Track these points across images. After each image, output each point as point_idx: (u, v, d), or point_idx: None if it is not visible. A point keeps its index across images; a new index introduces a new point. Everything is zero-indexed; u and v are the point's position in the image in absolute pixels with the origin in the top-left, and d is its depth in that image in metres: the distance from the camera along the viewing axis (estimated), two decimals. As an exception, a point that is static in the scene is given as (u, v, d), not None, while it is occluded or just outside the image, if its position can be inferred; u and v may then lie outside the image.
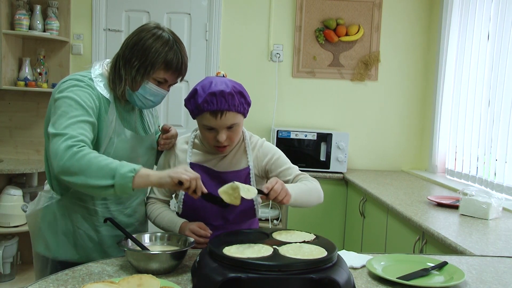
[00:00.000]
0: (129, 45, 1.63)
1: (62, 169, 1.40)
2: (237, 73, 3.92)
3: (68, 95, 1.53)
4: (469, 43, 3.48)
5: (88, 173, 1.38)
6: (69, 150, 1.40)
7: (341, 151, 3.79)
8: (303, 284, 1.18)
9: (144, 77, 1.62)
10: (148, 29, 1.63)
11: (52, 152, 1.43)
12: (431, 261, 1.52)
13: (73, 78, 1.59)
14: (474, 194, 2.43)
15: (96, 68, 1.67)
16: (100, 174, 1.38)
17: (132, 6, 4.02)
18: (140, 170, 1.40)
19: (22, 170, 3.48)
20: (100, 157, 1.42)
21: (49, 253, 1.67)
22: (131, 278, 1.23)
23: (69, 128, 1.46)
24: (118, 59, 1.65)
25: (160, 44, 1.60)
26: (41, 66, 3.78)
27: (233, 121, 1.63)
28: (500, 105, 3.00)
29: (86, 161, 1.39)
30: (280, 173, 1.76)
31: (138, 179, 1.39)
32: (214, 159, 1.76)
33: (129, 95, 1.66)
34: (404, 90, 4.16)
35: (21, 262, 3.83)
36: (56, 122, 1.48)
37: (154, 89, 1.64)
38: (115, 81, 1.64)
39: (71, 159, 1.39)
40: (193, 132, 1.81)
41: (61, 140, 1.43)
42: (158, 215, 1.76)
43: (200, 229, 1.65)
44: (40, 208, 1.69)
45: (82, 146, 1.43)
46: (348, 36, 4.06)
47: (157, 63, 1.60)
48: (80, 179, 1.39)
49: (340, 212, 3.74)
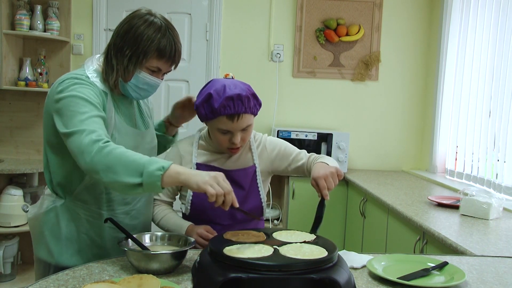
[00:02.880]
0: (120, 33, 1.56)
1: (90, 166, 1.35)
2: (238, 73, 3.90)
3: (72, 93, 1.48)
4: (470, 43, 3.48)
5: (116, 170, 1.33)
6: (94, 145, 1.36)
7: (341, 151, 3.79)
8: (303, 284, 1.18)
9: (136, 66, 1.55)
10: (140, 15, 1.57)
11: (76, 150, 1.38)
12: (431, 261, 1.52)
13: (71, 77, 1.53)
14: (474, 194, 2.43)
15: (88, 65, 1.62)
16: (127, 172, 1.33)
17: (132, 6, 3.99)
18: (169, 167, 1.34)
19: (22, 170, 3.48)
20: (128, 153, 1.36)
21: (51, 258, 1.61)
22: (132, 278, 1.23)
23: (85, 124, 1.41)
24: (109, 48, 1.59)
25: (152, 31, 1.54)
26: (41, 66, 3.78)
27: (248, 122, 1.67)
28: (500, 105, 3.00)
29: (113, 156, 1.34)
30: (293, 160, 1.80)
31: (167, 178, 1.33)
32: (221, 158, 1.77)
33: (122, 86, 1.60)
34: (405, 90, 4.16)
35: (22, 262, 3.83)
36: (69, 122, 1.43)
37: (147, 79, 1.58)
38: (107, 72, 1.58)
39: (97, 154, 1.35)
40: (197, 133, 1.81)
41: (82, 136, 1.38)
42: (163, 218, 1.77)
43: (208, 232, 1.65)
44: (42, 212, 1.63)
45: (106, 141, 1.39)
46: (348, 36, 4.06)
47: (150, 51, 1.54)
48: (108, 177, 1.34)
49: (340, 212, 3.74)
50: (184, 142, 1.82)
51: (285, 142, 1.85)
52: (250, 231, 1.49)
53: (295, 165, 1.80)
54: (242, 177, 1.74)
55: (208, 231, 1.66)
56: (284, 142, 1.85)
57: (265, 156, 1.81)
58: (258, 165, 1.78)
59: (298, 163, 1.80)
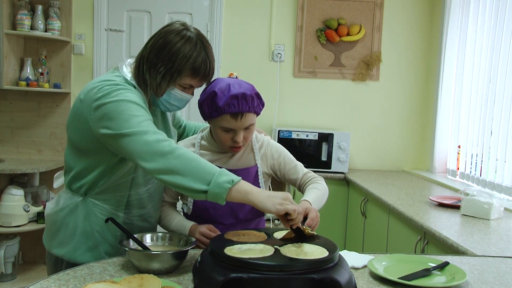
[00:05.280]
0: (154, 48, 1.53)
1: (160, 166, 1.35)
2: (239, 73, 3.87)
3: (120, 98, 1.44)
4: (470, 43, 3.48)
5: (186, 174, 1.33)
6: (162, 144, 1.36)
7: (342, 151, 3.79)
8: (304, 284, 1.18)
9: (169, 84, 1.54)
10: (176, 31, 1.54)
11: (139, 149, 1.37)
12: (432, 261, 1.52)
13: (111, 83, 1.49)
14: (475, 194, 2.42)
15: (125, 71, 1.57)
16: (197, 177, 1.33)
17: (133, 6, 4.02)
18: (238, 183, 1.35)
19: (23, 170, 3.48)
20: (199, 158, 1.38)
21: (65, 254, 1.62)
22: (133, 278, 1.23)
23: (143, 126, 1.40)
24: (141, 61, 1.56)
25: (188, 49, 1.51)
26: (42, 66, 3.78)
27: (251, 121, 1.68)
28: (501, 105, 3.00)
29: (185, 160, 1.35)
30: (289, 170, 1.83)
31: (235, 193, 1.34)
32: (223, 158, 1.78)
33: (153, 99, 1.60)
34: (406, 90, 4.16)
35: (23, 262, 3.84)
36: (124, 125, 1.40)
37: (179, 95, 1.58)
38: (141, 86, 1.55)
39: (169, 155, 1.35)
40: (199, 134, 1.82)
41: (145, 135, 1.37)
42: (166, 218, 1.77)
43: (211, 231, 1.65)
44: (60, 208, 1.63)
45: (172, 142, 1.38)
46: (349, 36, 4.06)
47: (185, 70, 1.52)
48: (176, 179, 1.34)
49: (341, 212, 3.74)
50: (185, 143, 1.83)
51: (285, 151, 1.88)
52: (251, 231, 1.50)
53: (289, 176, 1.84)
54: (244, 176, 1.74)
55: (211, 230, 1.66)
56: (285, 150, 1.88)
57: (266, 159, 1.82)
58: (260, 165, 1.79)
59: (293, 176, 1.84)
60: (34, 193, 3.67)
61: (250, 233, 1.47)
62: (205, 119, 1.72)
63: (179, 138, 1.97)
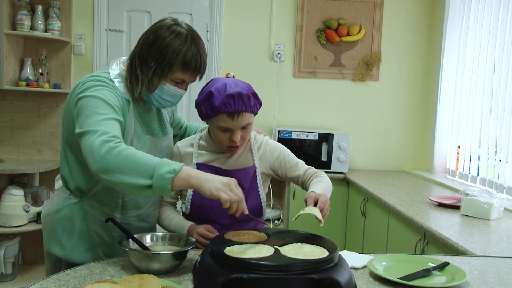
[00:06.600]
0: (145, 44, 1.55)
1: (99, 167, 1.32)
2: (239, 73, 3.91)
3: (92, 94, 1.46)
4: (470, 43, 3.48)
5: (125, 171, 1.30)
6: (104, 146, 1.33)
7: (342, 151, 3.79)
8: (304, 284, 1.18)
9: (161, 79, 1.55)
10: (166, 26, 1.55)
11: (86, 149, 1.36)
12: (432, 261, 1.52)
13: (94, 79, 1.51)
14: (475, 194, 2.42)
15: (113, 68, 1.60)
16: (137, 173, 1.30)
17: (133, 6, 4.02)
18: (180, 170, 1.32)
19: (23, 170, 3.48)
20: (138, 154, 1.34)
21: (63, 254, 1.62)
22: (133, 278, 1.23)
23: (100, 125, 1.39)
24: (134, 58, 1.58)
25: (178, 43, 1.52)
26: (42, 66, 3.78)
27: (248, 121, 1.67)
28: (501, 105, 3.00)
29: (123, 157, 1.32)
30: (290, 168, 1.82)
31: (178, 181, 1.31)
32: (221, 158, 1.77)
33: (145, 95, 1.60)
34: (406, 90, 4.16)
35: (23, 262, 3.84)
36: (85, 122, 1.41)
37: (172, 90, 1.59)
38: (132, 82, 1.57)
39: (107, 155, 1.32)
40: (197, 134, 1.82)
41: (94, 136, 1.36)
42: (166, 218, 1.77)
43: (209, 232, 1.65)
44: (56, 209, 1.64)
45: (118, 142, 1.36)
46: (349, 36, 4.06)
47: (175, 64, 1.53)
48: (117, 178, 1.31)
49: (341, 212, 3.74)
50: (184, 143, 1.83)
51: (285, 149, 1.86)
52: (251, 231, 1.49)
53: (291, 174, 1.82)
54: (242, 177, 1.75)
55: (208, 230, 1.66)
56: (285, 149, 1.86)
57: (265, 159, 1.82)
58: (258, 166, 1.78)
59: (294, 173, 1.82)
60: (34, 193, 3.67)
61: (250, 233, 1.47)
62: (203, 119, 1.72)
63: (181, 138, 1.97)
